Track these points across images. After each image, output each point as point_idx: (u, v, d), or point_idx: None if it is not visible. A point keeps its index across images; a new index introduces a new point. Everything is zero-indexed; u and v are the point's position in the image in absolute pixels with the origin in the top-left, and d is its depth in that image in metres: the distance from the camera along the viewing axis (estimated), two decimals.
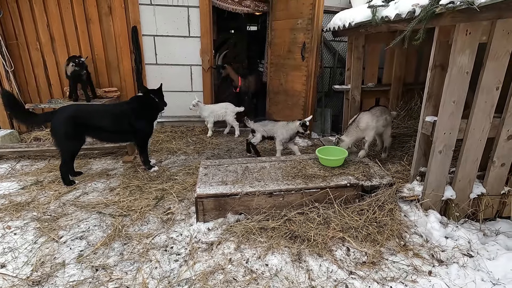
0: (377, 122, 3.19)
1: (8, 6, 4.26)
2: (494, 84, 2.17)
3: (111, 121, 3.09)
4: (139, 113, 3.16)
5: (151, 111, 3.28)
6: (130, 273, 1.98)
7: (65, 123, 2.89)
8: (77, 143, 3.01)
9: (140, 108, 3.18)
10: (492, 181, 2.49)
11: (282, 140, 3.57)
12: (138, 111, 3.16)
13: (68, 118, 2.90)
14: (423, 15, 1.95)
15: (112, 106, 3.36)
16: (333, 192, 2.60)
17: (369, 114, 3.22)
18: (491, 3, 1.57)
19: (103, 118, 3.07)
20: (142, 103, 3.23)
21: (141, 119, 3.17)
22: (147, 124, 3.25)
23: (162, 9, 4.54)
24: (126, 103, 3.31)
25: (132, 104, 3.22)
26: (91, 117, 3.03)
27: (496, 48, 2.07)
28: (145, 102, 3.24)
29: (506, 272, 1.95)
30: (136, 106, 3.18)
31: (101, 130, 3.07)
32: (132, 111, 3.14)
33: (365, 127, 3.18)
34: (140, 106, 3.20)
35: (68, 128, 2.90)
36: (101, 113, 3.11)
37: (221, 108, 4.65)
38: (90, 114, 3.04)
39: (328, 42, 5.23)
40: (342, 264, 2.06)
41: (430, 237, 2.30)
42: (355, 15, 3.22)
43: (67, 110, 2.98)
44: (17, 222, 2.47)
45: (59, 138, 2.94)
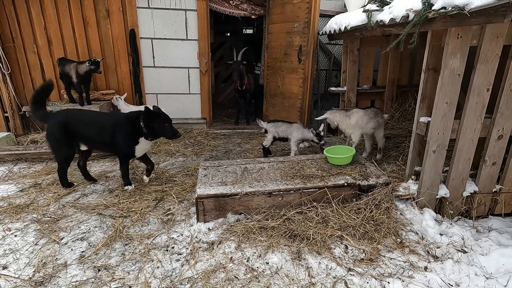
0: (367, 123, 3.21)
1: (5, 9, 4.26)
2: (485, 86, 2.26)
3: (97, 131, 2.91)
4: (119, 130, 2.89)
5: (132, 132, 2.91)
6: (132, 273, 2.00)
7: (56, 128, 2.84)
8: (68, 149, 2.91)
9: (121, 125, 2.90)
10: (484, 179, 2.57)
11: (298, 141, 3.66)
12: (119, 128, 2.89)
13: (59, 124, 2.84)
14: (417, 20, 2.03)
15: (102, 116, 3.06)
16: (331, 191, 2.65)
17: (362, 113, 3.26)
18: (480, 8, 1.64)
19: (90, 127, 2.92)
20: (127, 121, 2.93)
21: (120, 137, 2.89)
22: (125, 144, 2.92)
23: (159, 12, 4.58)
24: (117, 115, 3.12)
25: (119, 118, 2.96)
26: (80, 124, 2.91)
27: (486, 51, 2.16)
28: (130, 122, 2.91)
29: (498, 267, 2.02)
30: (119, 122, 2.91)
31: (89, 139, 2.96)
32: (114, 125, 2.89)
33: (354, 123, 3.21)
34: (123, 123, 2.91)
35: (59, 134, 2.84)
36: (89, 122, 2.95)
37: (135, 108, 4.46)
38: (79, 121, 2.93)
39: (323, 45, 5.33)
40: (341, 262, 2.11)
41: (425, 234, 2.37)
42: (350, 19, 3.30)
43: (59, 115, 2.91)
44: (17, 224, 2.47)
45: (51, 143, 2.91)
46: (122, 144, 2.91)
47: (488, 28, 2.09)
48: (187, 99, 5.09)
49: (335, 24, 3.75)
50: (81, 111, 3.21)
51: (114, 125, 2.89)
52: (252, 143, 4.60)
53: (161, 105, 4.99)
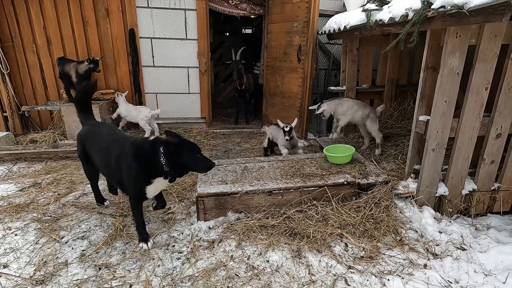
0: (356, 111, 3.45)
1: (4, 9, 4.25)
2: (483, 85, 2.27)
3: (104, 156, 2.28)
4: (126, 165, 2.07)
5: (144, 169, 2.05)
6: (133, 271, 2.01)
7: (77, 142, 2.52)
8: (87, 166, 2.55)
9: (130, 159, 2.05)
10: (482, 177, 2.59)
11: (284, 144, 3.52)
12: (126, 162, 2.07)
13: (79, 138, 2.49)
14: (416, 19, 2.04)
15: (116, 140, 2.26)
16: (331, 190, 2.66)
17: (352, 102, 3.48)
18: (479, 7, 1.66)
19: (100, 151, 2.34)
20: (138, 154, 2.05)
21: (127, 174, 2.09)
22: (134, 184, 2.11)
23: (159, 12, 4.58)
24: (134, 142, 2.13)
25: (129, 148, 2.09)
26: (92, 144, 2.40)
27: (485, 50, 2.17)
28: (143, 156, 2.04)
29: (497, 264, 2.04)
30: (127, 154, 2.07)
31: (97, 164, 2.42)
32: (120, 157, 2.11)
33: (344, 111, 3.43)
34: (132, 155, 2.05)
35: (78, 148, 2.52)
36: (100, 144, 2.35)
37: (136, 109, 4.51)
38: (92, 140, 2.41)
39: (323, 44, 5.35)
40: (341, 259, 2.12)
41: (424, 232, 2.38)
42: (350, 18, 3.31)
43: (83, 129, 2.52)
44: (17, 223, 2.47)
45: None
46: (130, 184, 2.13)
47: (486, 27, 2.10)
48: (186, 98, 5.09)
49: (335, 23, 3.76)
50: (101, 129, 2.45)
51: (119, 155, 2.13)
52: (252, 143, 4.61)
53: (161, 105, 5.00)
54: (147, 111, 4.46)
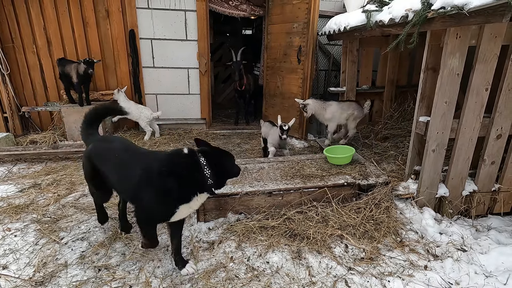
0: (341, 115, 3.57)
1: (5, 9, 4.26)
2: (484, 86, 2.27)
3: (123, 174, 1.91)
4: (158, 183, 1.76)
5: (181, 185, 1.76)
6: (133, 272, 2.00)
7: (84, 160, 2.16)
8: (97, 188, 2.18)
9: (165, 177, 1.75)
10: (483, 178, 2.59)
11: (273, 142, 3.50)
12: (158, 180, 1.76)
13: (87, 156, 2.11)
14: (416, 20, 2.04)
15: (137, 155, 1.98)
16: (331, 191, 2.66)
17: (336, 107, 3.56)
18: (479, 8, 1.66)
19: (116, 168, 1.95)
20: (172, 167, 1.78)
21: (156, 193, 1.77)
22: (165, 204, 1.79)
23: (159, 13, 4.58)
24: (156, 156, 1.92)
25: (160, 162, 1.81)
26: (105, 162, 2.01)
27: (485, 51, 2.17)
28: (177, 168, 1.78)
29: (498, 265, 2.03)
30: (160, 172, 1.75)
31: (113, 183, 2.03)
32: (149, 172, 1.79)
33: (330, 117, 3.52)
34: (169, 172, 1.75)
35: (85, 168, 2.16)
36: (116, 161, 1.96)
37: (138, 108, 4.49)
38: (105, 157, 2.03)
39: (323, 45, 5.35)
40: (341, 261, 2.11)
41: (425, 233, 2.38)
42: (350, 19, 3.32)
43: (91, 146, 2.14)
44: (17, 224, 2.47)
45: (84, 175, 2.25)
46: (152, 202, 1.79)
47: (486, 28, 2.10)
48: (186, 99, 5.09)
49: (335, 24, 3.76)
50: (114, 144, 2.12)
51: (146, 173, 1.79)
52: (252, 143, 4.60)
53: (161, 106, 5.00)
54: (149, 112, 4.46)
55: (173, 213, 1.81)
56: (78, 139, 4.35)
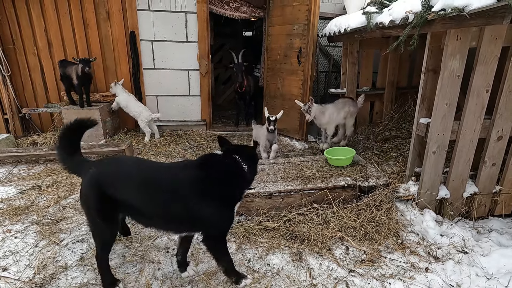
0: (338, 115, 3.58)
1: (6, 11, 4.27)
2: (484, 87, 2.27)
3: (160, 199, 1.67)
4: (212, 190, 1.69)
5: (234, 185, 1.79)
6: (133, 274, 1.99)
7: (91, 191, 1.71)
8: (108, 226, 1.76)
9: (214, 180, 1.72)
10: (484, 180, 2.58)
11: (263, 146, 3.41)
12: (210, 186, 1.70)
13: (95, 185, 1.70)
14: (417, 22, 2.04)
15: (164, 171, 1.78)
16: (332, 192, 2.66)
17: (332, 108, 3.56)
18: (480, 10, 1.66)
19: (144, 193, 1.68)
20: (220, 170, 1.76)
21: (213, 200, 1.70)
22: (225, 210, 1.75)
23: (160, 14, 4.59)
24: (190, 166, 1.78)
25: (201, 171, 1.73)
26: (125, 186, 1.70)
27: (485, 52, 2.18)
28: (226, 170, 1.78)
29: (499, 267, 2.02)
30: (208, 177, 1.71)
31: (142, 212, 1.73)
32: (198, 184, 1.68)
33: (328, 121, 3.51)
34: (215, 176, 1.73)
35: (92, 200, 1.71)
36: (141, 183, 1.69)
37: (138, 106, 4.45)
38: (124, 181, 1.71)
39: (323, 47, 5.36)
40: (342, 263, 2.11)
41: (426, 235, 2.37)
42: (350, 21, 3.32)
43: (93, 172, 1.73)
44: (17, 225, 2.46)
45: (86, 212, 1.80)
46: (220, 213, 1.73)
47: (487, 29, 2.11)
48: (187, 101, 5.09)
49: (335, 26, 3.77)
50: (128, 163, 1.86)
51: (200, 181, 1.68)
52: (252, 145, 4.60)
53: (161, 107, 5.00)
54: (148, 113, 4.46)
55: (234, 215, 1.80)
56: None
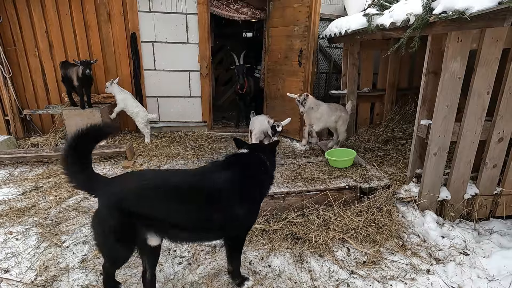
0: (330, 117, 3.58)
1: (7, 13, 4.28)
2: (485, 89, 2.28)
3: (198, 206, 1.60)
4: (247, 189, 1.71)
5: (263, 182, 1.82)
6: (135, 276, 2.00)
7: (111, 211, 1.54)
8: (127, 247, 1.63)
9: (249, 179, 1.73)
10: (485, 182, 2.59)
11: (256, 134, 3.37)
12: (247, 186, 1.71)
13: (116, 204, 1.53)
14: (418, 24, 2.05)
15: (196, 177, 1.70)
16: (333, 194, 2.66)
17: (326, 108, 3.58)
18: (481, 13, 1.66)
19: (179, 203, 1.58)
20: (251, 168, 1.77)
21: (249, 198, 1.72)
22: (256, 207, 1.81)
23: (161, 16, 4.60)
24: (222, 168, 1.74)
25: (234, 171, 1.71)
26: (154, 200, 1.55)
27: (486, 55, 2.18)
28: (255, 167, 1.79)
29: (500, 269, 2.03)
30: (242, 176, 1.71)
31: (172, 227, 1.61)
32: (235, 185, 1.66)
33: (319, 117, 3.51)
34: (247, 175, 1.73)
35: (114, 222, 1.54)
36: (174, 193, 1.59)
37: (136, 106, 4.42)
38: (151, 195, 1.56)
39: (323, 48, 5.36)
40: (343, 264, 2.11)
41: (427, 237, 2.37)
42: (351, 23, 3.33)
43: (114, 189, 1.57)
44: (18, 227, 2.46)
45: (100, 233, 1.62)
46: (253, 210, 1.76)
47: (487, 32, 2.11)
48: (187, 102, 5.10)
49: (336, 27, 3.78)
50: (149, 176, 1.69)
51: (236, 182, 1.67)
52: None
53: (162, 108, 5.01)
54: (145, 114, 4.46)
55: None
56: None
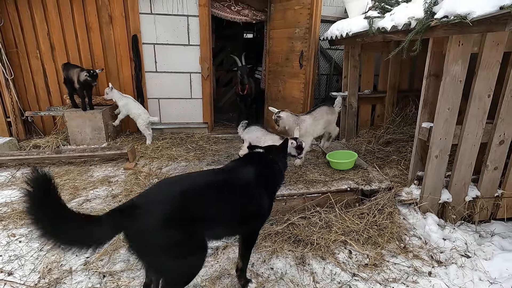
0: (316, 126, 3.19)
1: (9, 15, 4.29)
2: (486, 92, 2.29)
3: (231, 204, 1.65)
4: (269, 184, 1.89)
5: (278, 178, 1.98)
6: (137, 279, 2.00)
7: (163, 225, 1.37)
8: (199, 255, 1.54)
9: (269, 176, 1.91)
10: (486, 184, 2.59)
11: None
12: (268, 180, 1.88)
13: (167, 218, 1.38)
14: (419, 28, 2.06)
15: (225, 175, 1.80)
16: (334, 196, 2.67)
17: (309, 120, 3.13)
18: (482, 18, 1.68)
19: (218, 202, 1.59)
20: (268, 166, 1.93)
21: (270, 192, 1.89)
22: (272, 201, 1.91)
23: (162, 18, 4.62)
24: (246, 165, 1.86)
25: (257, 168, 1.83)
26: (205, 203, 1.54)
27: (487, 58, 2.19)
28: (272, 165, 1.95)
29: (502, 272, 2.03)
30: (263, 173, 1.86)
31: (215, 223, 1.61)
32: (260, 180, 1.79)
33: (303, 133, 3.05)
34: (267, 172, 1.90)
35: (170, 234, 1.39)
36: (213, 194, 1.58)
37: (137, 108, 4.42)
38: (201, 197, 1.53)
39: (324, 50, 5.38)
40: (345, 267, 2.12)
41: (428, 239, 2.38)
42: (352, 25, 3.34)
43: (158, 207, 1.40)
44: (21, 229, 2.47)
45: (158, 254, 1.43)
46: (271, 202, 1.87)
47: (489, 35, 2.12)
48: (188, 103, 5.11)
49: (337, 30, 3.79)
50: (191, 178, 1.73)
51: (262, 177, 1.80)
52: None
53: (163, 110, 5.02)
54: (146, 116, 4.47)
55: None
56: (81, 144, 4.37)
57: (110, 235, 1.37)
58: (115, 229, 1.37)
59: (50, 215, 1.20)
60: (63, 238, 1.23)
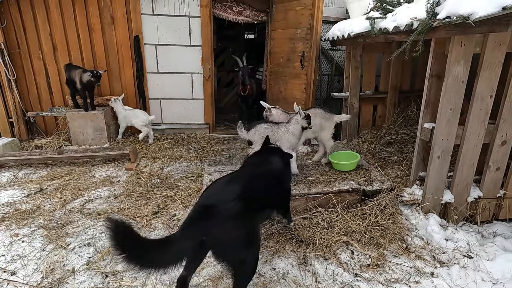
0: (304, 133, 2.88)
1: (11, 16, 4.31)
2: (488, 92, 2.29)
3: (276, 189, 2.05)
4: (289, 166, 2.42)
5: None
6: (140, 278, 2.01)
7: (240, 218, 1.56)
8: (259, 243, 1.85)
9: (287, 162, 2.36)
10: (488, 184, 2.59)
11: (291, 147, 2.79)
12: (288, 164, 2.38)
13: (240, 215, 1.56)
14: (421, 28, 2.06)
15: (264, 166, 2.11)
16: (336, 197, 2.67)
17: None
18: (485, 18, 1.68)
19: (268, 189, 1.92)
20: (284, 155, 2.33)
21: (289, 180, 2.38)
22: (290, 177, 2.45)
23: (164, 19, 4.63)
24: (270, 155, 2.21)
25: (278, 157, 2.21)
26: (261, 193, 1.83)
27: (489, 58, 2.19)
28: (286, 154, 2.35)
29: (504, 272, 2.03)
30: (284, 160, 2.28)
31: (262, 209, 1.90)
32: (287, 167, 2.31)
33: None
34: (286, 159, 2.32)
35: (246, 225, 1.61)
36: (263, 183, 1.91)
37: (136, 116, 4.46)
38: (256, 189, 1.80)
39: (325, 50, 5.38)
40: (347, 267, 2.12)
41: (431, 240, 2.38)
42: (353, 26, 3.35)
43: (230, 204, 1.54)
44: (24, 229, 2.48)
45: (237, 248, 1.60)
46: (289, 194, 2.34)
47: (491, 36, 2.12)
48: (190, 104, 5.12)
49: (338, 30, 3.80)
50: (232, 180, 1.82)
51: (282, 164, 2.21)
52: None
53: (164, 110, 5.03)
54: (145, 116, 4.48)
55: None
56: (83, 144, 4.38)
57: (192, 246, 1.47)
58: (196, 237, 1.47)
59: (131, 248, 1.36)
60: (145, 261, 1.38)
